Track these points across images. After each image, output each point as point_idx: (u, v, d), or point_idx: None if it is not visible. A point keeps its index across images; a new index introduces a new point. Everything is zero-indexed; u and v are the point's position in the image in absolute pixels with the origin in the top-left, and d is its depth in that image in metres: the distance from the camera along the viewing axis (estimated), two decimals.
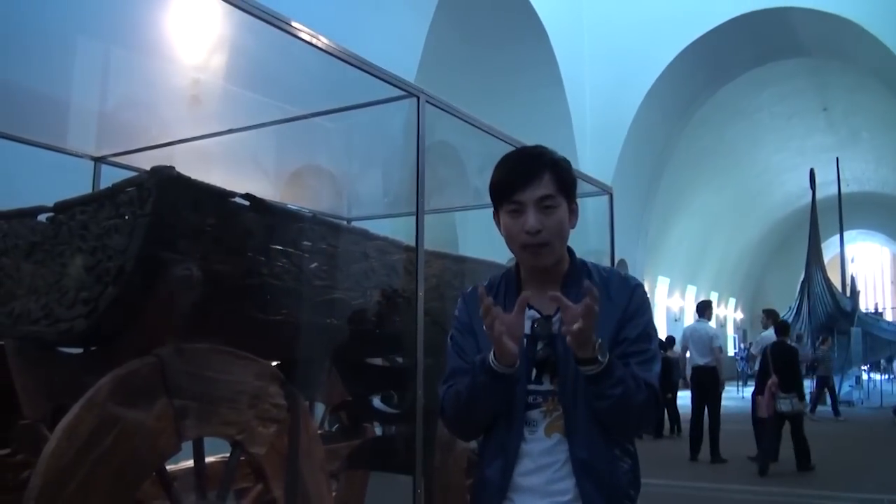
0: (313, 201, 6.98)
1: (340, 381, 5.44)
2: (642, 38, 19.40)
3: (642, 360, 2.52)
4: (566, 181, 2.55)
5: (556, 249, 2.54)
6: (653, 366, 2.54)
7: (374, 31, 10.21)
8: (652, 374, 2.50)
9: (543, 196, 2.49)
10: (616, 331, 2.54)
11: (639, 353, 2.52)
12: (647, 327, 2.60)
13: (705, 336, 13.32)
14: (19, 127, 5.16)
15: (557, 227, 2.51)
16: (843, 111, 31.18)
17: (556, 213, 2.50)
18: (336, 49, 3.96)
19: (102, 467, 2.79)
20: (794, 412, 12.16)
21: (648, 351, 2.56)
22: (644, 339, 2.57)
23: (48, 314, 3.25)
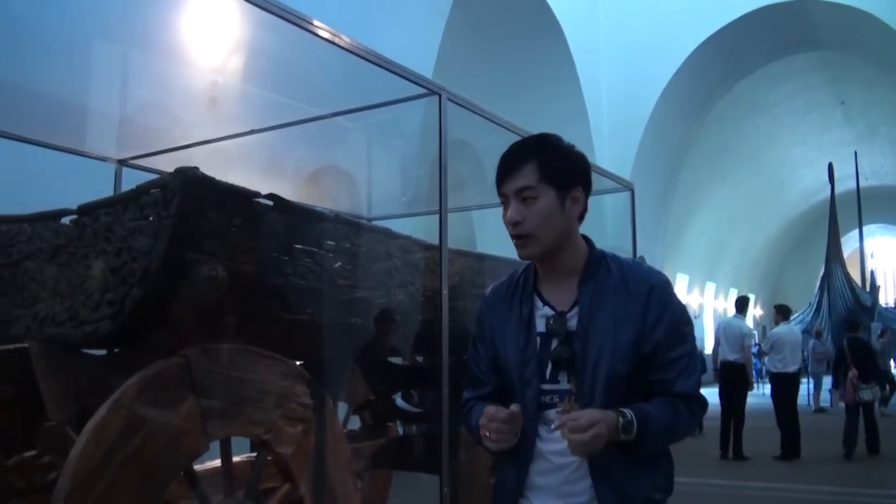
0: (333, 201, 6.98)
1: (364, 381, 5.44)
2: (658, 33, 19.36)
3: (680, 370, 2.44)
4: (554, 169, 2.48)
5: (543, 241, 2.48)
6: (692, 372, 2.46)
7: (390, 29, 10.20)
8: (691, 381, 2.46)
9: (521, 188, 2.47)
10: (639, 335, 2.43)
11: (675, 362, 2.44)
12: (679, 327, 2.48)
13: (738, 332, 13.24)
14: (41, 131, 5.17)
15: (539, 218, 2.46)
16: (860, 105, 31.03)
17: (537, 203, 2.46)
18: (357, 47, 3.95)
19: (130, 468, 2.79)
20: (872, 400, 13.54)
21: (684, 357, 2.46)
22: (677, 342, 2.46)
23: (73, 316, 3.26)
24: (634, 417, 2.31)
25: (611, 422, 2.29)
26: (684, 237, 32.06)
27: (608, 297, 2.46)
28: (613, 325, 2.43)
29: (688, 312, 2.60)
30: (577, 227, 2.56)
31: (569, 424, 2.26)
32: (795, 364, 13.51)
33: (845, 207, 29.86)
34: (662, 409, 2.40)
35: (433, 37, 12.19)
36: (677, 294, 2.63)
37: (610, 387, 2.41)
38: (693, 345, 2.54)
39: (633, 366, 2.42)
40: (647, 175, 19.70)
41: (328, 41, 3.81)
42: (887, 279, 56.92)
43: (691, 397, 2.44)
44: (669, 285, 2.54)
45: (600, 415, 2.28)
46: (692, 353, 2.49)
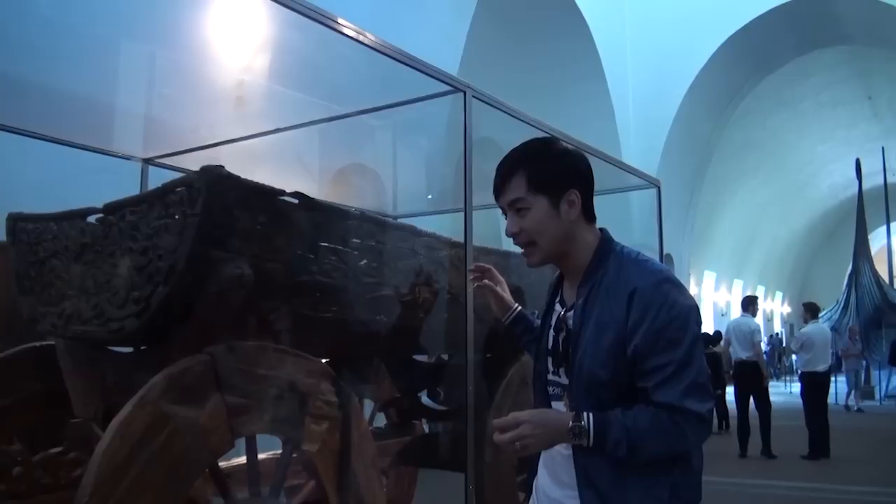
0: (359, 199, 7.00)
1: (389, 378, 5.44)
2: (684, 29, 19.27)
3: (661, 378, 2.29)
4: (541, 177, 2.49)
5: (543, 248, 2.52)
6: (676, 381, 2.29)
7: (416, 27, 10.20)
8: (676, 391, 2.28)
9: (513, 200, 2.52)
10: (620, 339, 2.35)
11: (658, 370, 2.31)
12: (664, 332, 2.31)
13: (747, 330, 13.21)
14: (67, 130, 5.20)
15: (535, 227, 2.49)
16: (888, 99, 30.75)
17: (530, 213, 2.49)
18: (383, 45, 3.95)
19: (155, 465, 2.80)
20: None
21: (669, 365, 2.29)
22: (662, 348, 2.31)
23: (99, 314, 3.28)
24: (591, 424, 2.29)
25: (556, 424, 2.34)
26: (711, 234, 31.92)
27: (598, 299, 2.44)
28: (596, 328, 2.41)
29: (689, 316, 2.37)
30: (581, 226, 2.54)
31: (495, 422, 2.34)
32: (825, 363, 13.44)
33: (873, 204, 29.63)
34: (636, 419, 2.29)
35: (459, 34, 12.19)
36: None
37: (591, 390, 2.40)
38: (689, 352, 2.32)
39: (616, 372, 2.36)
40: (674, 172, 19.62)
41: (353, 39, 3.81)
42: None
43: (674, 409, 2.27)
44: (662, 286, 2.38)
45: (528, 416, 2.33)
46: (686, 360, 2.31)
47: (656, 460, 2.34)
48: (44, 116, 5.17)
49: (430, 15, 11.40)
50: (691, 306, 2.40)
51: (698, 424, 2.31)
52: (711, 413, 2.37)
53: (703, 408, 2.30)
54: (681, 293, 2.39)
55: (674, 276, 2.45)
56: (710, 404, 2.35)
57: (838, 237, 44.61)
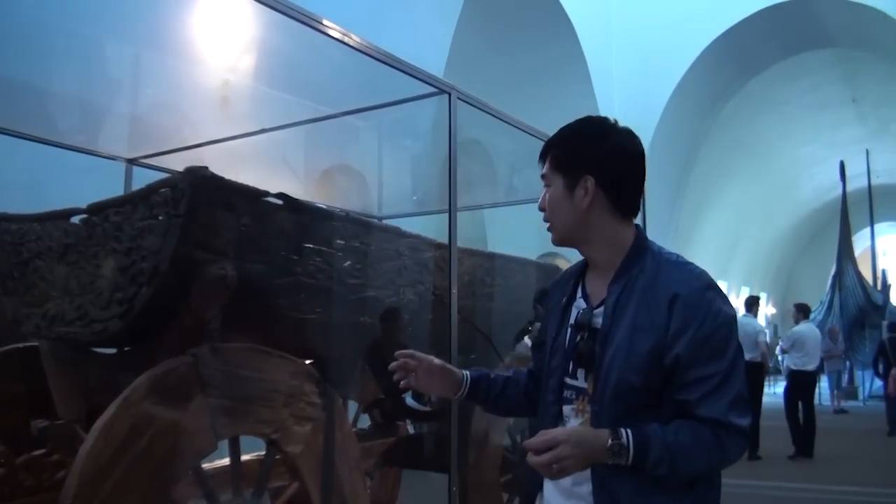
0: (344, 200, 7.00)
1: (373, 380, 5.44)
2: (670, 31, 19.30)
3: (707, 390, 2.16)
4: (560, 157, 2.42)
5: (558, 229, 2.45)
6: (724, 394, 2.16)
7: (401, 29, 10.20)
8: (721, 405, 2.15)
9: (542, 175, 2.47)
10: (658, 346, 2.21)
11: (701, 382, 2.17)
12: (709, 341, 2.19)
13: (752, 331, 13.19)
14: (51, 130, 5.19)
15: (550, 207, 2.43)
16: (872, 102, 30.85)
17: (550, 192, 2.43)
18: (368, 47, 3.95)
19: (139, 466, 2.80)
20: None
21: (714, 377, 2.17)
22: (706, 358, 2.18)
23: (83, 315, 3.27)
24: (631, 441, 2.14)
25: (594, 443, 2.17)
26: (696, 235, 31.95)
27: (633, 300, 2.29)
28: (631, 331, 2.26)
29: (732, 326, 2.26)
30: (605, 217, 2.39)
31: (526, 443, 2.19)
32: (814, 363, 13.52)
33: (857, 205, 29.75)
34: (677, 435, 2.16)
35: (444, 35, 12.19)
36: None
37: (621, 396, 2.25)
38: (732, 363, 2.21)
39: (650, 378, 2.22)
40: (659, 173, 19.63)
41: (338, 41, 3.81)
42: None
43: (718, 423, 2.15)
44: (707, 293, 2.25)
45: (566, 436, 2.16)
46: (729, 372, 2.19)
47: (696, 478, 2.22)
48: (28, 116, 5.15)
49: (416, 16, 11.40)
50: (734, 315, 2.28)
51: (740, 439, 2.19)
52: (749, 428, 2.22)
53: (746, 422, 2.18)
54: (724, 301, 2.27)
55: (715, 283, 2.32)
56: (750, 418, 2.22)
57: (822, 238, 44.73)
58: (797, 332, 13.87)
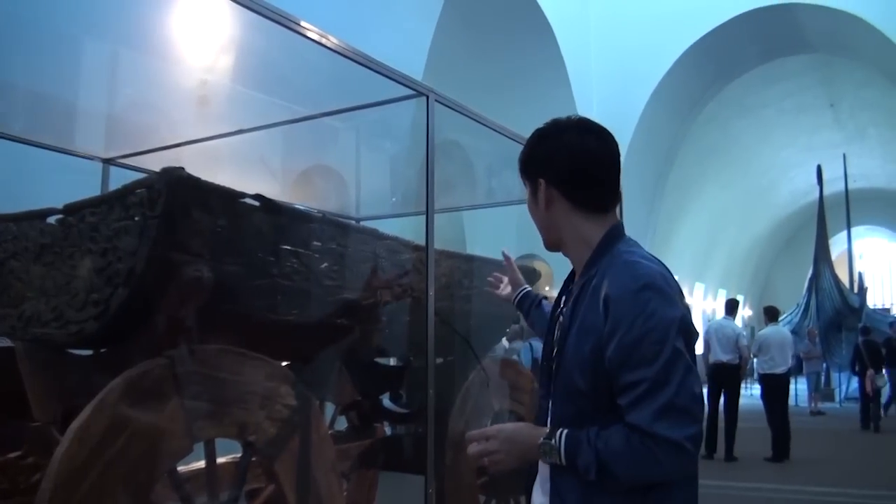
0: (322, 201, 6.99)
1: (350, 381, 5.43)
2: (649, 35, 19.37)
3: (635, 397, 2.09)
4: (521, 163, 2.48)
5: (540, 233, 2.50)
6: (648, 402, 2.07)
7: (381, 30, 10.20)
8: (647, 413, 2.06)
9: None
10: (597, 348, 2.18)
11: (630, 387, 2.11)
12: (638, 346, 2.11)
13: (731, 333, 13.29)
14: (28, 129, 5.16)
15: (530, 214, 2.49)
16: (849, 107, 31.06)
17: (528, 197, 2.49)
18: (346, 49, 3.94)
19: (114, 469, 2.79)
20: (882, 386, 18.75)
21: (642, 383, 2.08)
22: (636, 363, 2.11)
23: (58, 316, 3.25)
24: (562, 443, 2.16)
25: (527, 441, 2.24)
26: (673, 238, 32.05)
27: (584, 302, 2.28)
28: (578, 332, 2.25)
29: (668, 330, 2.13)
30: (571, 218, 2.39)
31: (467, 435, 2.29)
32: (784, 365, 13.57)
33: (834, 209, 29.94)
34: (608, 441, 2.12)
35: (424, 37, 12.20)
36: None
37: (570, 398, 2.26)
38: (666, 369, 2.09)
39: (595, 381, 2.19)
40: (637, 176, 19.70)
41: (317, 42, 3.80)
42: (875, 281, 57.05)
43: (644, 432, 2.06)
44: (642, 293, 2.16)
45: (497, 430, 2.26)
46: (662, 379, 2.08)
47: (633, 487, 2.14)
48: (3, 114, 5.12)
49: (395, 18, 11.41)
50: (674, 318, 2.15)
51: (673, 452, 2.06)
52: (693, 440, 2.07)
53: (680, 434, 2.05)
54: (663, 302, 2.15)
55: (659, 282, 2.19)
56: (691, 430, 2.07)
57: (799, 242, 44.99)
58: (762, 336, 14.05)
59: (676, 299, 2.21)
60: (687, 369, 2.12)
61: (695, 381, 2.13)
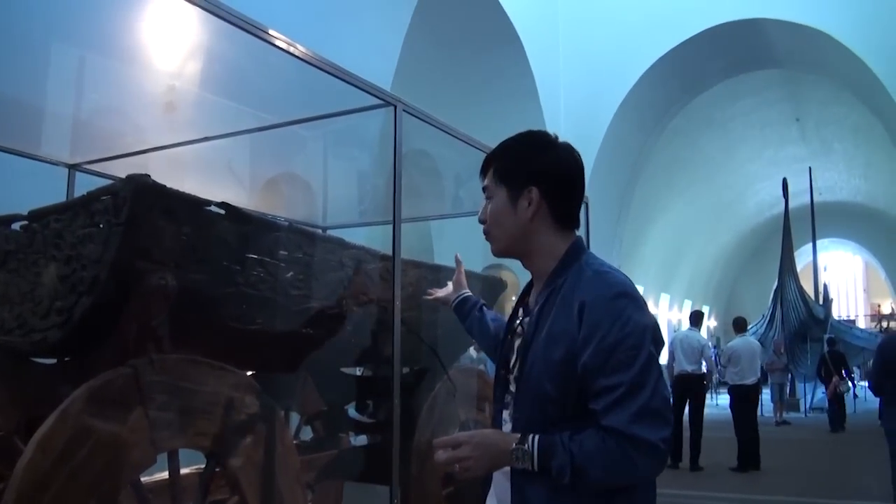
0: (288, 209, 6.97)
1: (315, 391, 5.41)
2: (616, 48, 19.45)
3: (612, 400, 2.14)
4: (504, 168, 2.46)
5: (499, 239, 2.49)
6: (626, 405, 2.12)
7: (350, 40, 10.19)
8: (625, 415, 2.11)
9: (484, 187, 2.52)
10: (570, 355, 2.22)
11: (607, 391, 2.15)
12: (615, 351, 2.16)
13: (696, 344, 13.38)
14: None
15: (493, 217, 2.47)
16: (815, 122, 31.38)
17: (493, 202, 2.47)
18: (313, 57, 3.94)
19: (77, 479, 2.77)
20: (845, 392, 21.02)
21: (618, 387, 2.13)
22: (612, 368, 2.16)
23: (22, 324, 3.23)
24: (535, 447, 2.18)
25: (498, 446, 2.23)
26: (639, 249, 32.22)
27: (553, 310, 2.31)
28: (547, 340, 2.28)
29: (643, 335, 2.20)
30: (546, 229, 2.43)
31: (435, 442, 2.27)
32: (753, 376, 13.67)
33: (799, 222, 30.19)
34: (582, 444, 2.15)
35: (393, 48, 12.19)
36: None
37: (537, 404, 2.28)
38: (641, 373, 2.16)
39: (565, 388, 2.23)
40: (603, 188, 19.77)
41: (284, 50, 3.80)
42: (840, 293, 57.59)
43: (621, 434, 2.11)
44: (617, 301, 2.22)
45: (468, 436, 2.25)
46: (638, 382, 2.15)
47: (605, 489, 2.20)
48: None
49: (364, 29, 11.40)
50: (647, 324, 2.23)
51: (649, 454, 2.13)
52: (666, 442, 2.14)
53: (656, 436, 2.11)
54: (637, 309, 2.24)
55: (632, 290, 2.28)
56: (665, 432, 2.13)
57: (765, 253, 45.33)
58: (731, 347, 14.20)
59: (647, 307, 2.29)
60: (659, 374, 2.20)
61: (664, 385, 2.21)
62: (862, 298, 63.02)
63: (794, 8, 18.06)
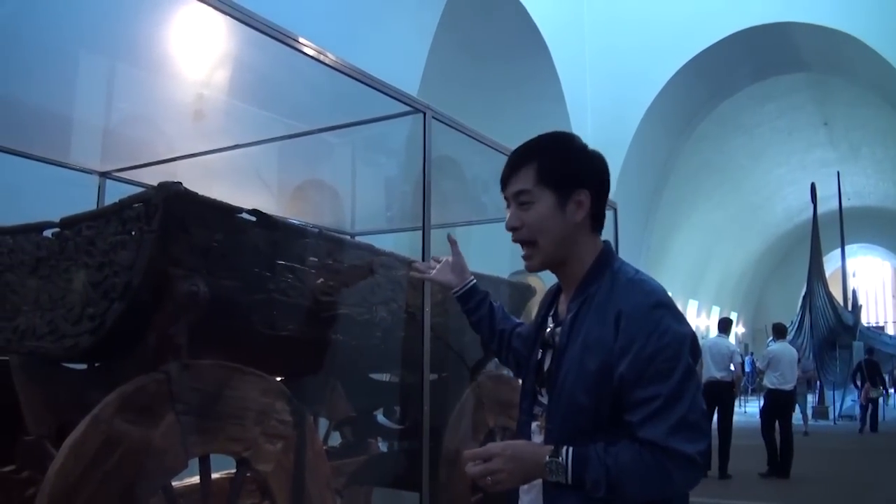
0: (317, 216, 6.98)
1: (345, 397, 5.43)
2: (643, 53, 19.41)
3: (649, 412, 2.11)
4: (552, 171, 2.36)
5: (544, 248, 2.38)
6: (664, 417, 2.09)
7: (377, 47, 10.21)
8: (661, 429, 2.08)
9: (518, 191, 2.40)
10: (606, 365, 2.19)
11: (643, 403, 2.12)
12: (652, 361, 2.13)
13: (726, 351, 13.34)
14: (24, 142, 5.16)
15: (537, 223, 2.36)
16: (843, 126, 31.19)
17: (534, 207, 2.36)
18: (343, 65, 3.95)
19: (109, 485, 2.78)
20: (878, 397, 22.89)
21: (657, 398, 2.10)
22: (649, 379, 2.13)
23: (53, 330, 3.25)
24: (570, 460, 2.14)
25: (532, 459, 2.20)
26: (667, 255, 32.10)
27: (588, 317, 2.27)
28: (582, 349, 2.24)
29: (682, 346, 2.17)
30: (584, 233, 2.40)
31: (465, 454, 2.23)
32: (793, 381, 13.66)
33: (828, 227, 30.02)
34: (618, 457, 2.11)
35: (419, 54, 12.21)
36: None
37: (571, 415, 2.24)
38: (680, 385, 2.12)
39: (600, 399, 2.20)
40: (631, 193, 19.72)
41: (314, 59, 3.81)
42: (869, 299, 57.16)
43: (658, 447, 2.08)
44: (655, 310, 2.19)
45: (501, 448, 2.21)
46: (675, 394, 2.11)
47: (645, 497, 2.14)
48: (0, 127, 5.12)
49: (392, 35, 11.42)
50: (686, 335, 2.20)
51: (686, 467, 2.10)
52: (703, 455, 2.12)
53: (693, 448, 2.08)
54: (675, 319, 2.20)
55: (669, 300, 2.25)
56: (702, 445, 2.10)
57: (793, 259, 45.12)
58: (771, 352, 14.06)
59: (684, 318, 2.25)
60: (697, 386, 2.17)
61: (701, 397, 2.18)
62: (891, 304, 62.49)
63: (820, 11, 17.98)
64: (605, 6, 19.97)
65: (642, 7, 19.78)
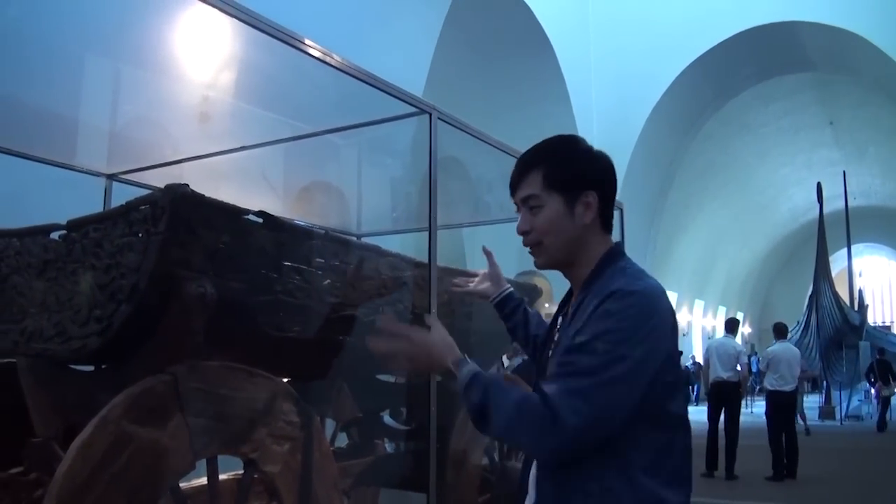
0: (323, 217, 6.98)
1: (351, 398, 5.43)
2: (648, 53, 19.42)
3: (559, 372, 2.15)
4: (558, 174, 2.38)
5: (552, 249, 2.41)
6: (567, 381, 2.09)
7: (383, 47, 10.22)
8: (558, 387, 2.09)
9: (527, 196, 2.42)
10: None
11: (561, 365, 2.17)
12: (594, 339, 2.11)
13: (732, 351, 13.28)
14: (31, 144, 5.17)
15: (546, 226, 2.38)
16: (849, 125, 31.16)
17: (543, 211, 2.38)
18: (349, 66, 3.95)
19: (117, 486, 2.79)
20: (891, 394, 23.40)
21: (573, 365, 2.11)
22: (577, 349, 2.14)
23: (61, 332, 3.25)
24: (472, 371, 2.26)
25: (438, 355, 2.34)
26: (673, 255, 32.08)
27: (581, 315, 2.26)
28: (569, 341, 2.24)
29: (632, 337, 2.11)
30: (594, 233, 2.41)
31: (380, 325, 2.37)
32: (793, 382, 13.55)
33: (834, 226, 30.00)
34: (506, 391, 2.19)
35: (425, 55, 12.22)
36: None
37: None
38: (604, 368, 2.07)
39: None
40: (637, 193, 19.74)
41: (320, 60, 3.81)
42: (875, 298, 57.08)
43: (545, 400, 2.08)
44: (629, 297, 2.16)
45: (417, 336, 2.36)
46: (591, 371, 2.08)
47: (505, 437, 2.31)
48: (7, 129, 5.12)
49: (397, 36, 11.44)
50: (650, 329, 2.15)
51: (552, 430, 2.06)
52: (577, 431, 2.05)
53: (573, 419, 2.04)
54: (649, 312, 2.17)
55: (652, 296, 2.21)
56: (583, 423, 2.05)
57: (799, 259, 45.05)
58: (771, 352, 13.98)
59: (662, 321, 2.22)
60: (625, 382, 2.10)
61: (625, 399, 2.11)
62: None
63: (826, 10, 17.98)
64: (610, 7, 20.00)
65: (647, 7, 19.80)
